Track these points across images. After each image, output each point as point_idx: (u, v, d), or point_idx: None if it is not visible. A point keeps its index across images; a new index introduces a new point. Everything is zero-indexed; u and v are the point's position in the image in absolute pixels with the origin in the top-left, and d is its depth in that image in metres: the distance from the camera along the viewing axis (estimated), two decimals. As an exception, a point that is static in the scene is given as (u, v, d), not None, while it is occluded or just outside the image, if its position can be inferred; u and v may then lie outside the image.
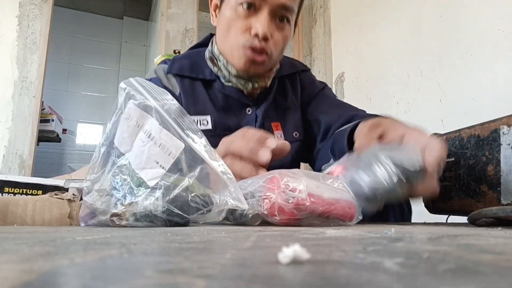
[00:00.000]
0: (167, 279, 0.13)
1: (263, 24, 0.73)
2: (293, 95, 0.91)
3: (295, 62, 0.97)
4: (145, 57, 3.96)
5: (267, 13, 0.74)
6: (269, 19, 0.75)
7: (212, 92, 0.83)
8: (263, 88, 0.84)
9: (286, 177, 0.46)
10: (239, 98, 0.82)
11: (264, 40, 0.74)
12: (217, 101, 0.82)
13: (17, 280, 0.12)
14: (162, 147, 0.44)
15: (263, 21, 0.73)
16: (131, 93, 0.48)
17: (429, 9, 1.92)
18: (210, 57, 0.84)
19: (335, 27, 2.77)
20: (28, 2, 2.35)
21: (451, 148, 0.63)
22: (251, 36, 0.74)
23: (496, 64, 1.54)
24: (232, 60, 0.78)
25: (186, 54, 0.91)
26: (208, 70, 0.84)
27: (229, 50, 0.78)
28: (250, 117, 0.83)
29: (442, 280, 0.13)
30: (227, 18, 0.77)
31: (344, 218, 0.47)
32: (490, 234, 0.33)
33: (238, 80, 0.81)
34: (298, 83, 0.93)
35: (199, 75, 0.83)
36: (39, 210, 0.51)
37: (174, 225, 0.44)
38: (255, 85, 0.82)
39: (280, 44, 0.78)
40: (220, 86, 0.82)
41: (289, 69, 0.92)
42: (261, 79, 0.82)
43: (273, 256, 0.17)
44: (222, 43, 0.80)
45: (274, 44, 0.77)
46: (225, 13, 0.78)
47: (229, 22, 0.77)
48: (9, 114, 2.22)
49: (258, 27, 0.73)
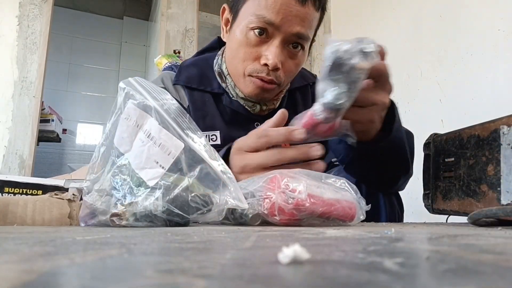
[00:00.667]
0: (167, 279, 0.13)
1: (274, 55, 0.68)
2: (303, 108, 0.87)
3: (306, 74, 0.92)
4: (145, 57, 3.96)
5: (280, 42, 0.69)
6: (281, 47, 0.70)
7: (221, 105, 0.80)
8: (271, 110, 0.81)
9: (287, 178, 0.46)
10: (247, 114, 0.80)
11: (274, 70, 0.70)
12: (226, 114, 0.80)
13: (17, 280, 0.12)
14: (162, 147, 0.44)
15: (275, 50, 0.68)
16: (130, 93, 0.48)
17: (429, 9, 1.92)
18: (218, 72, 0.81)
19: (335, 27, 2.77)
20: (28, 2, 2.35)
21: (451, 148, 0.63)
22: (261, 65, 0.71)
23: (496, 64, 1.54)
24: (239, 85, 0.76)
25: (193, 61, 0.86)
26: (216, 82, 0.81)
27: (236, 75, 0.75)
28: None
29: (442, 280, 0.13)
30: (238, 41, 0.72)
31: (345, 219, 0.47)
32: (490, 234, 0.33)
33: (246, 102, 0.78)
34: (310, 96, 0.89)
35: (207, 88, 0.80)
36: (39, 210, 0.51)
37: (174, 225, 0.44)
38: (263, 107, 0.79)
39: (293, 71, 0.75)
40: (228, 101, 0.79)
41: (299, 81, 0.87)
42: (269, 102, 0.79)
43: (273, 256, 0.17)
44: (231, 64, 0.77)
45: (285, 73, 0.73)
46: (235, 35, 0.73)
47: (239, 46, 0.72)
48: (9, 114, 2.22)
49: (269, 57, 0.69)
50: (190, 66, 0.84)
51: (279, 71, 0.71)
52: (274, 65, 0.69)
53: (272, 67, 0.69)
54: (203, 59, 0.86)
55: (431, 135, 0.71)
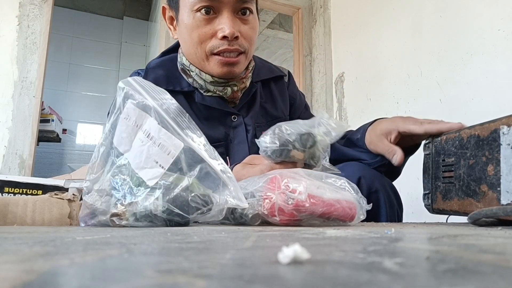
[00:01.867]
0: (167, 279, 0.13)
1: (229, 25, 0.69)
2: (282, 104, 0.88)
3: (273, 67, 0.92)
4: (145, 57, 3.96)
5: (228, 12, 0.70)
6: (232, 17, 0.71)
7: (194, 104, 0.78)
8: (243, 90, 0.80)
9: (287, 178, 0.46)
10: (222, 108, 0.78)
11: (234, 39, 0.71)
12: (200, 113, 0.78)
13: (17, 280, 0.12)
14: (161, 147, 0.44)
15: (227, 21, 0.70)
16: (129, 93, 0.48)
17: (429, 9, 1.92)
18: (181, 68, 0.80)
19: (335, 27, 2.77)
20: (28, 2, 2.35)
21: (451, 148, 0.63)
22: (219, 40, 0.71)
23: (496, 64, 1.54)
24: (206, 68, 0.75)
25: (159, 62, 0.84)
26: (185, 80, 0.80)
27: (201, 60, 0.74)
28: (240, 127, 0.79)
29: (442, 280, 0.13)
30: (188, 27, 0.72)
31: (345, 219, 0.47)
32: (490, 234, 0.33)
33: (216, 87, 0.77)
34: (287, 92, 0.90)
35: (177, 87, 0.78)
36: (39, 210, 0.51)
37: (174, 225, 0.44)
38: (234, 88, 0.78)
39: (251, 36, 0.75)
40: (200, 97, 0.78)
41: (267, 73, 0.88)
42: (239, 81, 0.78)
43: (273, 256, 0.17)
44: (190, 54, 0.76)
45: (245, 40, 0.73)
46: (184, 23, 0.73)
47: (191, 31, 0.72)
48: (9, 114, 2.22)
49: (225, 29, 0.69)
50: (156, 67, 0.82)
51: (239, 39, 0.72)
52: (232, 34, 0.70)
53: (231, 36, 0.70)
54: (169, 60, 0.84)
55: (431, 135, 0.71)
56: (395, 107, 2.12)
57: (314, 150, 0.57)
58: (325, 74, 2.80)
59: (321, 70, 2.85)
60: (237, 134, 0.79)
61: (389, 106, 2.16)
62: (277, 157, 0.57)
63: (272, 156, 0.57)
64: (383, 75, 2.24)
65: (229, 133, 0.78)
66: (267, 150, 0.57)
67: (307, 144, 0.56)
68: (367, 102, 2.35)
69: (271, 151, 0.56)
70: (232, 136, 0.79)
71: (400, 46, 2.11)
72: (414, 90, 1.99)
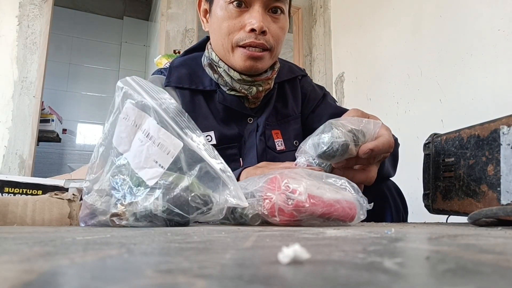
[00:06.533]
0: (167, 279, 0.13)
1: (258, 19, 0.71)
2: (293, 102, 0.88)
3: (293, 67, 0.94)
4: (145, 57, 3.96)
5: (259, 7, 0.72)
6: (263, 13, 0.72)
7: (213, 104, 0.80)
8: (267, 91, 0.81)
9: (287, 179, 0.46)
10: (241, 110, 0.79)
11: (261, 34, 0.72)
12: (218, 113, 0.79)
13: (17, 280, 0.12)
14: (161, 146, 0.44)
15: (257, 15, 0.71)
16: (128, 93, 0.48)
17: (429, 9, 1.92)
18: (208, 63, 0.80)
19: (335, 27, 2.77)
20: (28, 2, 2.35)
21: (451, 148, 0.63)
22: (247, 33, 0.72)
23: (496, 64, 1.54)
24: (231, 61, 0.76)
25: (182, 61, 0.86)
26: (208, 79, 0.81)
27: (226, 52, 0.76)
28: (252, 126, 0.80)
29: (442, 280, 0.13)
30: (219, 18, 0.75)
31: (345, 219, 0.47)
32: (490, 234, 0.33)
33: (242, 85, 0.77)
34: (299, 89, 0.90)
35: (199, 86, 0.80)
36: (39, 210, 0.51)
37: (174, 224, 0.44)
38: (259, 88, 0.78)
39: (279, 36, 0.76)
40: (221, 97, 0.79)
41: (288, 74, 0.89)
42: (264, 82, 0.79)
43: (273, 256, 0.17)
44: (217, 46, 0.77)
45: (272, 37, 0.74)
46: (216, 15, 0.75)
47: (222, 22, 0.74)
48: (9, 114, 2.22)
49: (253, 22, 0.71)
50: (180, 66, 0.83)
51: (267, 35, 0.73)
52: (260, 28, 0.71)
53: (259, 29, 0.71)
54: (192, 58, 0.85)
55: (431, 135, 0.71)
56: (395, 107, 2.12)
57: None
58: (325, 74, 2.80)
59: (321, 70, 2.85)
60: (250, 136, 0.80)
61: (389, 106, 2.16)
62: (334, 156, 0.53)
63: (330, 155, 0.53)
64: (383, 75, 2.24)
65: (243, 135, 0.79)
66: (327, 150, 0.53)
67: (359, 140, 0.53)
68: (367, 102, 2.35)
69: (333, 149, 0.52)
70: (245, 138, 0.79)
71: (400, 46, 2.11)
72: (414, 90, 1.99)
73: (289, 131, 0.84)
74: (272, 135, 0.81)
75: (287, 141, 0.82)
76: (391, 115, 2.12)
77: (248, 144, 0.79)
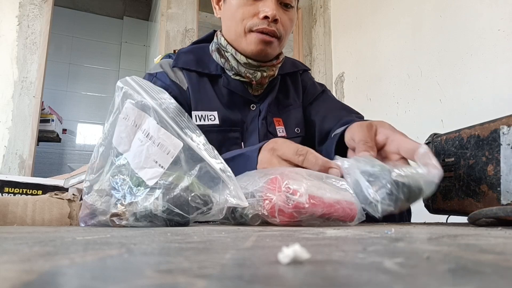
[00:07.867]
0: (167, 279, 0.13)
1: (272, 8, 0.76)
2: (294, 93, 0.92)
3: (296, 62, 0.99)
4: (145, 57, 3.96)
5: None
6: (276, 2, 0.78)
7: (218, 88, 0.84)
8: (271, 77, 0.85)
9: (287, 179, 0.46)
10: (245, 95, 0.83)
11: (274, 22, 0.77)
12: (222, 97, 0.83)
13: (17, 280, 0.12)
14: (161, 146, 0.44)
15: (271, 4, 0.76)
16: (128, 93, 0.48)
17: (429, 9, 1.92)
18: (216, 48, 0.84)
19: (335, 27, 2.77)
20: (28, 2, 2.35)
21: (451, 148, 0.63)
22: (260, 20, 0.77)
23: (496, 64, 1.54)
24: (242, 45, 0.79)
25: (190, 48, 0.91)
26: (214, 64, 0.85)
27: (238, 36, 0.79)
28: (254, 112, 0.84)
29: (442, 280, 0.13)
30: (233, 6, 0.79)
31: (345, 219, 0.47)
32: (490, 234, 0.33)
33: (247, 69, 0.81)
34: (300, 82, 0.95)
35: (205, 70, 0.84)
36: (39, 210, 0.51)
37: (174, 224, 0.44)
38: (263, 74, 0.82)
39: (288, 26, 0.81)
40: (226, 82, 0.83)
41: (290, 67, 0.94)
42: (269, 68, 0.83)
43: (273, 256, 0.17)
44: (229, 32, 0.81)
45: (283, 26, 0.79)
46: (230, 3, 0.80)
47: (236, 9, 0.79)
48: (9, 114, 2.22)
49: (267, 10, 0.76)
50: (187, 52, 0.88)
51: (278, 24, 0.78)
52: (274, 16, 0.76)
53: (272, 17, 0.76)
54: (199, 47, 0.90)
55: (431, 135, 0.71)
56: (395, 107, 2.12)
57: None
58: (325, 74, 2.80)
59: (321, 70, 2.85)
60: (252, 122, 0.83)
61: (389, 106, 2.16)
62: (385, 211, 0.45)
63: (382, 210, 0.45)
64: (383, 75, 2.24)
65: (245, 120, 0.83)
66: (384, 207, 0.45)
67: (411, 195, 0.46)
68: (367, 102, 2.35)
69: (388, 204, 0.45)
70: (247, 123, 0.83)
71: (400, 46, 2.11)
72: (414, 90, 1.99)
73: (290, 119, 0.88)
74: (273, 122, 0.86)
75: (288, 128, 0.87)
76: (391, 115, 2.12)
77: (250, 129, 0.83)
